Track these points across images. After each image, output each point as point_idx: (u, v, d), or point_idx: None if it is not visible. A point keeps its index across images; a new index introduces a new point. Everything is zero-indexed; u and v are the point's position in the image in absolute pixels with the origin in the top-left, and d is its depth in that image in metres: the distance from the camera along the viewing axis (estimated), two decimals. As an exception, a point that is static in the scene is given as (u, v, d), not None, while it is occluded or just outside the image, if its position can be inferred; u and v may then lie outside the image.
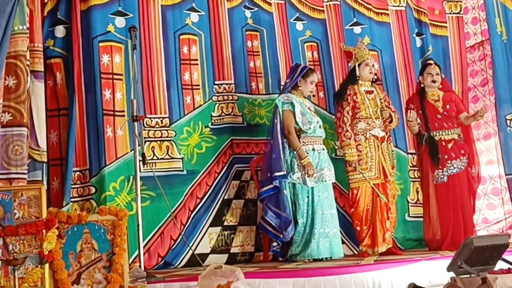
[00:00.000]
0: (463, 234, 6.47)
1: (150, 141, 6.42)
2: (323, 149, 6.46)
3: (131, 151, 6.02)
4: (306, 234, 6.25)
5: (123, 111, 6.28)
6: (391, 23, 7.96)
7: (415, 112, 6.76)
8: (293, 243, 6.27)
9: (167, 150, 6.50)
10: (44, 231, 4.42)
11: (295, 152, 6.30)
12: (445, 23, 8.29)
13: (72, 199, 5.97)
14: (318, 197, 6.28)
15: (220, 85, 6.93)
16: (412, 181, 7.65)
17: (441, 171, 6.73)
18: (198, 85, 6.82)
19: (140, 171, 5.28)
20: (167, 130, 6.53)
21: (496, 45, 7.85)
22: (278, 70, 7.23)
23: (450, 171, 6.73)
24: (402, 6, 8.04)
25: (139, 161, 5.16)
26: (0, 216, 4.40)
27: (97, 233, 4.71)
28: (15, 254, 4.32)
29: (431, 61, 7.11)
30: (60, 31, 6.23)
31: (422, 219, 7.00)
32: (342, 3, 7.78)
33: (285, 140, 6.34)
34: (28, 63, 5.45)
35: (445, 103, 6.87)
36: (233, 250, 6.65)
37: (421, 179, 7.08)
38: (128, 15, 6.48)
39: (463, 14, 8.35)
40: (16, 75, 5.35)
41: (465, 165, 6.80)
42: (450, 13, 8.33)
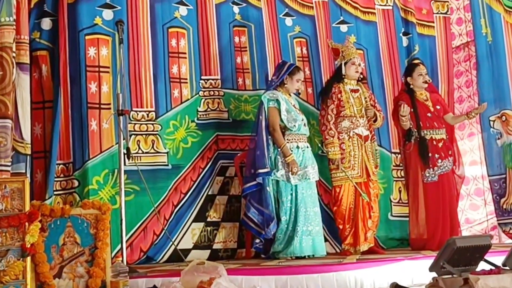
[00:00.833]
0: (449, 234, 6.48)
1: (136, 134, 6.40)
2: (307, 146, 6.46)
3: (116, 144, 6.01)
4: (289, 232, 6.25)
5: (109, 104, 6.26)
6: (378, 22, 7.99)
7: (408, 107, 6.76)
8: (275, 240, 6.26)
9: (153, 144, 6.49)
10: (26, 224, 4.40)
11: (279, 149, 6.30)
12: (433, 23, 8.33)
13: (55, 192, 5.94)
14: (301, 195, 6.28)
15: (206, 80, 6.92)
16: (395, 181, 7.66)
17: (432, 170, 6.73)
18: (186, 78, 6.82)
19: (125, 164, 5.27)
20: (153, 124, 6.52)
21: (481, 46, 7.87)
22: (266, 66, 7.22)
23: (440, 171, 6.74)
24: (389, 6, 8.06)
25: (123, 154, 5.15)
26: (-18, 208, 4.38)
27: (80, 227, 4.70)
28: (-3, 247, 4.31)
29: (418, 61, 7.13)
30: (46, 23, 6.21)
31: (407, 219, 7.00)
32: (330, 1, 7.80)
33: (270, 137, 6.34)
34: (14, 55, 5.42)
35: (434, 103, 6.89)
36: (216, 246, 6.64)
37: (407, 178, 7.03)
38: (116, 7, 6.47)
39: (449, 14, 8.39)
40: (1, 67, 5.31)
41: (452, 166, 6.84)
42: (437, 13, 8.37)
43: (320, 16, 7.71)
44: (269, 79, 6.83)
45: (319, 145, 6.93)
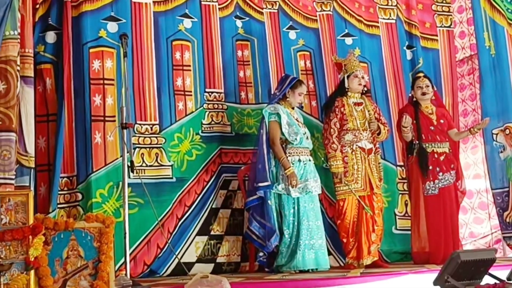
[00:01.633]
0: (452, 248, 6.47)
1: (140, 147, 6.41)
2: (310, 160, 6.45)
3: (120, 157, 6.01)
4: (292, 245, 6.23)
5: (113, 116, 6.28)
6: (381, 35, 7.99)
7: (410, 119, 6.77)
8: (279, 253, 6.25)
9: (156, 157, 6.49)
10: (30, 237, 4.41)
11: (279, 162, 6.31)
12: (436, 36, 8.32)
13: (58, 205, 5.95)
14: (303, 208, 6.26)
15: (210, 93, 6.93)
16: (401, 194, 7.64)
17: (432, 183, 6.72)
18: (191, 91, 6.83)
19: (129, 177, 5.27)
20: (156, 137, 6.52)
21: (484, 59, 7.85)
22: (268, 80, 7.23)
23: (441, 184, 6.72)
24: (393, 19, 8.07)
25: (127, 167, 5.15)
26: (-14, 221, 4.38)
27: (83, 240, 4.70)
28: (1, 260, 4.30)
29: (420, 74, 7.13)
30: (51, 37, 6.24)
31: (410, 232, 6.99)
32: (335, 13, 7.81)
33: (271, 150, 6.34)
34: (19, 68, 5.45)
35: (439, 117, 6.88)
36: (219, 259, 6.63)
37: (410, 191, 7.04)
38: (120, 20, 6.50)
39: (453, 27, 8.40)
40: (6, 80, 5.34)
41: (454, 179, 6.82)
42: (441, 26, 8.37)
43: (324, 29, 7.71)
44: (272, 92, 6.84)
45: (323, 158, 6.93)
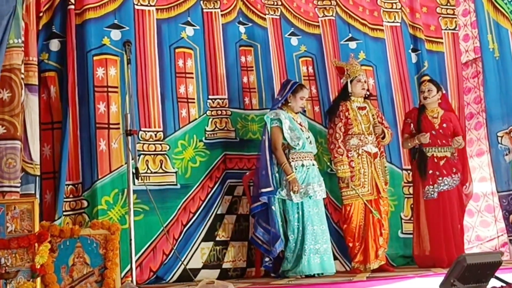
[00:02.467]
0: (454, 251, 6.47)
1: (144, 154, 6.41)
2: (314, 164, 6.43)
3: (125, 164, 6.02)
4: (297, 250, 6.22)
5: (117, 124, 6.29)
6: (386, 38, 7.97)
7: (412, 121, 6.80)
8: (285, 259, 6.25)
9: (161, 164, 6.49)
10: (36, 244, 4.42)
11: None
12: (441, 39, 8.30)
13: (64, 213, 5.94)
14: (308, 213, 6.25)
15: (214, 100, 6.93)
16: (406, 197, 7.62)
17: (431, 187, 6.72)
18: (194, 98, 6.83)
19: (134, 184, 5.28)
20: (161, 144, 6.53)
21: (488, 62, 7.83)
22: (272, 85, 7.22)
23: (440, 188, 6.71)
24: (397, 22, 8.06)
25: (132, 174, 5.16)
26: (-8, 229, 4.39)
27: (89, 247, 4.72)
28: (7, 268, 4.31)
29: (424, 78, 7.13)
30: (55, 44, 6.25)
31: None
32: (338, 18, 7.80)
33: (273, 156, 6.34)
34: (23, 76, 5.47)
35: (442, 121, 6.85)
36: (225, 265, 6.62)
37: (413, 195, 7.06)
38: (124, 27, 6.51)
39: (457, 30, 8.39)
40: (10, 88, 5.36)
41: (457, 183, 6.79)
42: (446, 29, 8.34)
43: (326, 34, 7.71)
44: (274, 98, 6.84)
45: (328, 163, 6.93)
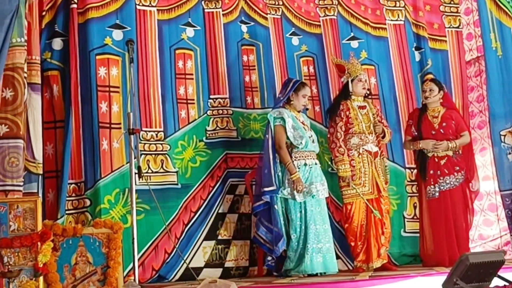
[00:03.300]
0: (457, 250, 6.48)
1: (145, 154, 6.42)
2: (316, 163, 6.43)
3: (126, 163, 6.02)
4: (299, 249, 6.22)
5: (119, 123, 6.29)
6: (389, 37, 7.95)
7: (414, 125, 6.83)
8: (287, 258, 6.25)
9: (162, 164, 6.50)
10: (39, 243, 4.42)
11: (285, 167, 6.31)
12: (445, 37, 8.27)
13: (67, 212, 5.95)
14: (310, 212, 6.24)
15: (215, 99, 6.93)
16: (410, 196, 7.61)
17: (432, 187, 6.72)
18: (193, 99, 6.83)
19: (136, 184, 5.28)
20: (162, 144, 6.53)
21: (490, 60, 7.84)
22: (274, 85, 7.22)
23: (442, 187, 6.72)
24: (401, 20, 8.04)
25: (134, 174, 5.16)
26: (-5, 228, 4.40)
27: (92, 246, 4.72)
28: (10, 267, 4.32)
29: (427, 77, 7.14)
30: (57, 43, 6.24)
31: (418, 234, 7.00)
32: (339, 17, 7.79)
33: (276, 155, 6.33)
34: (26, 75, 5.47)
35: (442, 121, 6.83)
36: (227, 264, 6.63)
37: (418, 194, 7.09)
38: (125, 28, 6.51)
39: (461, 28, 8.37)
40: (13, 87, 5.37)
41: (460, 181, 6.78)
42: (449, 27, 8.31)
43: (327, 34, 7.70)
44: (277, 97, 6.85)
45: (329, 162, 6.93)
